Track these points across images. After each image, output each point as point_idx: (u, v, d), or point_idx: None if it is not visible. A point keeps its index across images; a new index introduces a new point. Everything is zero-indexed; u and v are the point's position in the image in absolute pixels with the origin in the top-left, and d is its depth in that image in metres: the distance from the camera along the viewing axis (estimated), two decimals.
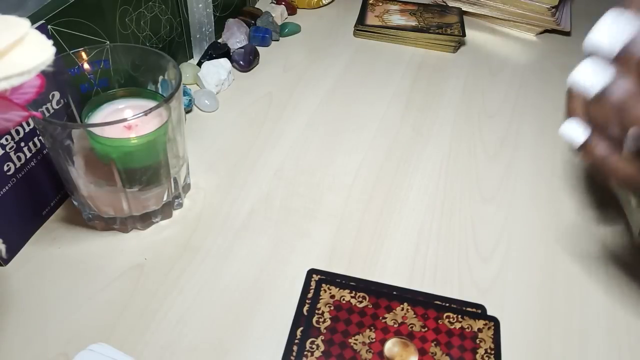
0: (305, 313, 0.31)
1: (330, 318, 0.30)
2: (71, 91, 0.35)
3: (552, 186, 0.41)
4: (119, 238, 0.36)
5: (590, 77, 0.25)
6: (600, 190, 0.40)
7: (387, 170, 0.43)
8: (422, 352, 0.29)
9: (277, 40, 0.59)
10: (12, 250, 0.34)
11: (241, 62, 0.53)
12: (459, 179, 0.42)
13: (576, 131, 0.28)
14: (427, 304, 0.31)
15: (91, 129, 0.31)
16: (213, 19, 0.54)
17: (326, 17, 0.65)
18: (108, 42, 0.40)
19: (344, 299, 0.31)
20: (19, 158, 0.33)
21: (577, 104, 0.28)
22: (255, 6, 0.63)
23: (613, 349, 0.31)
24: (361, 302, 0.31)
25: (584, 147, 0.28)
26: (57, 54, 0.20)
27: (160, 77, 0.36)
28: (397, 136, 0.46)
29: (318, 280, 0.33)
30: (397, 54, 0.58)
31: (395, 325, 0.30)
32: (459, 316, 0.31)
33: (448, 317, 0.31)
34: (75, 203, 0.36)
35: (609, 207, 0.39)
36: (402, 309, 0.31)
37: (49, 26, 0.33)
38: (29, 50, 0.19)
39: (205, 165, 0.42)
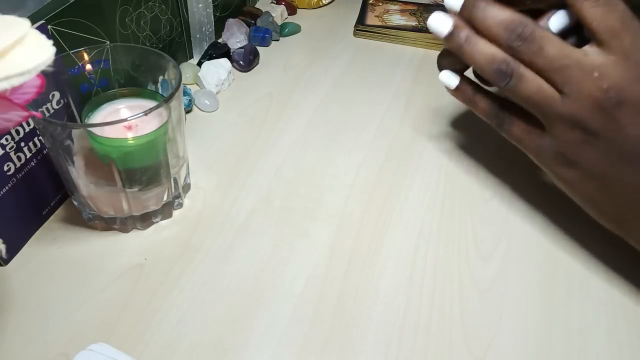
0: None
1: None
2: (71, 91, 0.35)
3: (553, 185, 0.41)
4: (119, 238, 0.36)
5: (440, 23, 0.32)
6: None
7: (387, 170, 0.43)
8: None
9: (277, 40, 0.59)
10: (12, 250, 0.34)
11: (241, 62, 0.53)
12: (459, 178, 0.42)
13: (449, 77, 0.35)
14: None
15: (91, 129, 0.31)
16: (213, 19, 0.54)
17: (326, 17, 0.65)
18: (108, 42, 0.40)
19: None
20: (19, 158, 0.33)
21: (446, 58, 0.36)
22: (255, 6, 0.63)
23: (613, 349, 0.31)
24: None
25: (457, 89, 0.35)
26: (57, 54, 0.20)
27: (160, 77, 0.36)
28: (397, 136, 0.46)
29: None
30: (397, 54, 0.58)
31: None
32: None
33: None
34: (75, 203, 0.36)
35: None
36: None
37: (49, 26, 0.33)
38: (29, 50, 0.19)
39: (205, 165, 0.42)
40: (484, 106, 0.34)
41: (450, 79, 0.35)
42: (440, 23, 0.32)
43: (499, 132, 0.34)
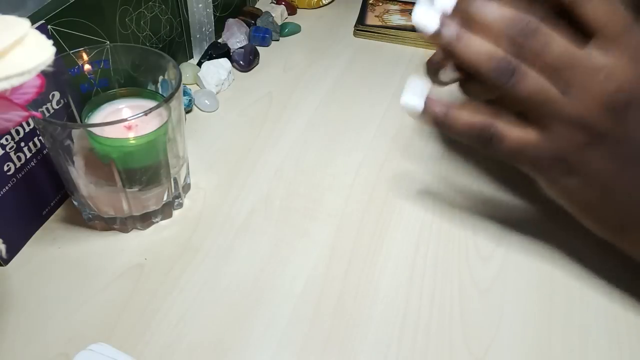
0: None
1: None
2: (71, 91, 0.35)
3: None
4: (119, 238, 0.36)
5: (426, 18, 0.30)
6: None
7: (387, 170, 0.43)
8: None
9: (277, 40, 0.59)
10: (12, 250, 0.34)
11: (241, 62, 0.53)
12: (459, 178, 0.42)
13: (412, 98, 0.31)
14: None
15: (91, 129, 0.31)
16: (213, 19, 0.54)
17: (326, 17, 0.65)
18: (108, 42, 0.40)
19: None
20: (19, 158, 0.33)
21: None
22: (255, 6, 0.63)
23: (613, 349, 0.31)
24: None
25: (425, 109, 0.31)
26: (57, 54, 0.20)
27: (160, 77, 0.36)
28: (397, 136, 0.46)
29: None
30: (397, 54, 0.58)
31: None
32: None
33: None
34: (75, 203, 0.36)
35: None
36: None
37: (49, 26, 0.33)
38: (29, 50, 0.19)
39: (205, 165, 0.42)
40: (466, 120, 0.30)
41: (413, 98, 0.31)
42: (426, 17, 0.29)
43: (486, 150, 0.30)
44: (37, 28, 0.32)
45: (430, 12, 0.29)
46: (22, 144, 0.33)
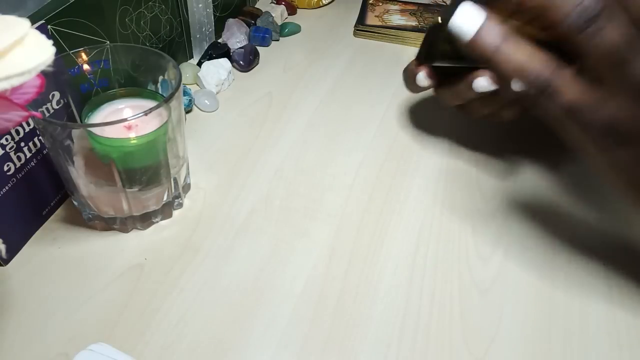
0: None
1: None
2: (71, 91, 0.35)
3: (553, 185, 0.41)
4: (119, 238, 0.36)
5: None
6: (604, 188, 0.40)
7: (387, 170, 0.43)
8: None
9: (277, 40, 0.59)
10: (12, 250, 0.34)
11: (241, 62, 0.53)
12: (459, 178, 0.42)
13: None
14: None
15: (91, 129, 0.31)
16: (213, 19, 0.54)
17: (326, 17, 0.65)
18: (108, 42, 0.40)
19: None
20: (19, 158, 0.33)
21: None
22: (255, 6, 0.63)
23: (613, 349, 0.31)
24: None
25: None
26: (57, 54, 0.20)
27: (160, 77, 0.36)
28: (397, 136, 0.46)
29: None
30: (397, 54, 0.58)
31: None
32: None
33: None
34: (75, 203, 0.36)
35: (609, 205, 0.39)
36: None
37: (49, 26, 0.33)
38: (29, 50, 0.19)
39: (205, 165, 0.42)
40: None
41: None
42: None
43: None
44: (37, 28, 0.32)
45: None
46: (22, 144, 0.33)
